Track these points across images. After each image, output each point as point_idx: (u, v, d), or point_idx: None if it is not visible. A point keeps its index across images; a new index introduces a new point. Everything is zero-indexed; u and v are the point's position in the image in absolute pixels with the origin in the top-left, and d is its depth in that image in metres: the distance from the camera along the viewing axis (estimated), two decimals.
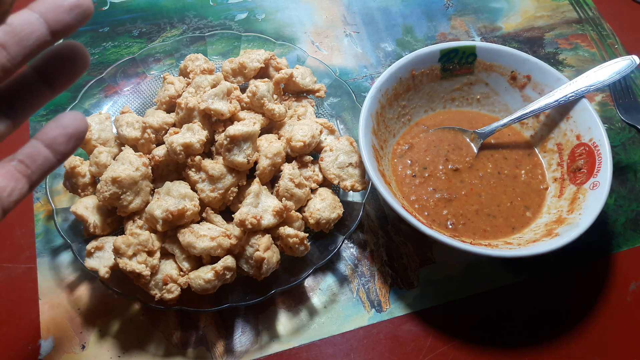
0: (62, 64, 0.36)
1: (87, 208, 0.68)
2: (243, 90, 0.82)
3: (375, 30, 1.03)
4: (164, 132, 0.75)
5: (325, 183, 0.75)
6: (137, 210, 0.68)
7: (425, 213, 0.76)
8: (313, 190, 0.74)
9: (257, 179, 0.69)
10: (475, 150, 0.82)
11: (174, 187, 0.68)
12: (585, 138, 0.76)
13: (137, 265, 0.62)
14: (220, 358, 0.68)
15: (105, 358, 0.67)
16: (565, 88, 0.78)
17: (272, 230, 0.68)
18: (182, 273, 0.66)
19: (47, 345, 0.68)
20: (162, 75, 0.85)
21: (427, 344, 0.70)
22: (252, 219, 0.64)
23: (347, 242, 0.78)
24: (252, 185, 0.68)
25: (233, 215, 0.66)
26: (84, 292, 0.72)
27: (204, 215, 0.70)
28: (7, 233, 0.76)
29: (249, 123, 0.74)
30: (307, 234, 0.67)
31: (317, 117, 0.84)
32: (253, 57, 0.82)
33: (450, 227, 0.75)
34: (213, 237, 0.65)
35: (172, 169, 0.73)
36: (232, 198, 0.71)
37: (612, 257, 0.79)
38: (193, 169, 0.70)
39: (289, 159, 0.75)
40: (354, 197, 0.77)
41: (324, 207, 0.71)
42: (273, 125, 0.80)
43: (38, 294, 0.71)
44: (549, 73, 0.80)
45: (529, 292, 0.75)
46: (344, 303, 0.73)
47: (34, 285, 0.72)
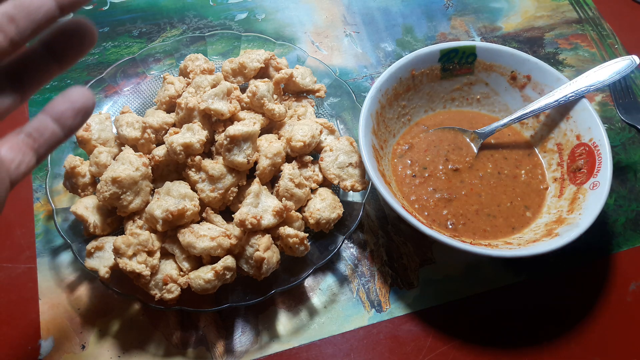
0: (70, 39, 0.37)
1: (87, 208, 0.68)
2: (243, 90, 0.82)
3: (375, 30, 1.03)
4: (164, 132, 0.75)
5: (325, 183, 0.75)
6: (137, 210, 0.68)
7: (425, 213, 0.76)
8: (313, 190, 0.74)
9: (257, 179, 0.69)
10: (475, 150, 0.82)
11: (174, 187, 0.68)
12: (585, 138, 0.76)
13: (137, 265, 0.62)
14: (220, 358, 0.68)
15: (105, 358, 0.67)
16: (565, 88, 0.78)
17: (272, 230, 0.68)
18: (182, 273, 0.66)
19: (47, 345, 0.68)
20: (162, 75, 0.85)
21: (427, 344, 0.70)
22: (252, 219, 0.64)
23: (347, 242, 0.78)
24: (252, 185, 0.68)
25: (233, 215, 0.66)
26: (84, 292, 0.72)
27: (204, 215, 0.70)
28: (7, 233, 0.76)
29: (249, 123, 0.74)
30: (307, 234, 0.67)
31: (317, 117, 0.84)
32: (253, 57, 0.82)
33: (450, 227, 0.75)
34: (213, 237, 0.65)
35: (172, 169, 0.73)
36: (232, 198, 0.71)
37: (612, 257, 0.79)
38: (193, 169, 0.70)
39: (289, 159, 0.75)
40: (354, 197, 0.77)
41: (324, 207, 0.71)
42: (273, 125, 0.80)
43: (38, 294, 0.72)
44: (549, 73, 0.80)
45: (529, 292, 0.75)
46: (344, 303, 0.73)
47: (34, 285, 0.72)
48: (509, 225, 0.75)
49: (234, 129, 0.67)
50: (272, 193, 0.72)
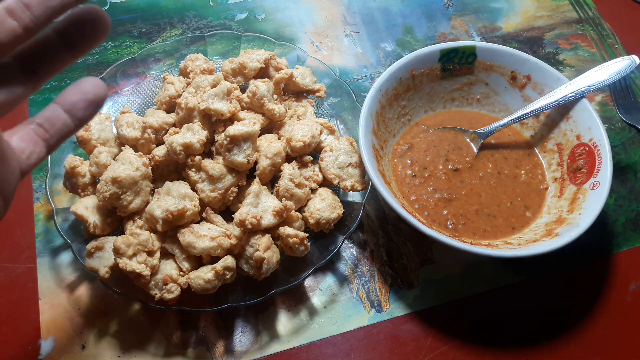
0: (83, 28, 0.36)
1: (87, 208, 0.68)
2: (243, 90, 0.82)
3: (375, 30, 1.03)
4: (164, 132, 0.75)
5: (325, 183, 0.75)
6: (137, 210, 0.68)
7: (425, 213, 0.76)
8: (313, 190, 0.74)
9: (257, 179, 0.69)
10: (475, 150, 0.82)
11: (174, 187, 0.68)
12: (585, 138, 0.76)
13: (137, 265, 0.62)
14: (220, 358, 0.68)
15: (105, 358, 0.67)
16: (565, 88, 0.78)
17: (272, 230, 0.68)
18: (182, 273, 0.66)
19: (47, 345, 0.68)
20: (162, 75, 0.85)
21: (427, 344, 0.70)
22: (252, 219, 0.64)
23: (347, 242, 0.78)
24: (252, 185, 0.68)
25: (233, 215, 0.66)
26: (84, 292, 0.72)
27: (204, 215, 0.70)
28: (7, 233, 0.76)
29: (249, 123, 0.74)
30: (307, 234, 0.67)
31: (317, 117, 0.84)
32: (253, 57, 0.82)
33: (450, 227, 0.75)
34: (213, 237, 0.65)
35: (172, 169, 0.73)
36: (232, 198, 0.71)
37: (612, 257, 0.79)
38: (193, 169, 0.70)
39: (289, 159, 0.75)
40: (354, 197, 0.77)
41: (324, 207, 0.71)
42: (273, 125, 0.80)
43: (38, 294, 0.71)
44: (549, 73, 0.80)
45: (529, 292, 0.75)
46: (344, 303, 0.73)
47: (34, 285, 0.72)
48: (509, 225, 0.75)
49: (234, 129, 0.67)
50: (272, 193, 0.72)
